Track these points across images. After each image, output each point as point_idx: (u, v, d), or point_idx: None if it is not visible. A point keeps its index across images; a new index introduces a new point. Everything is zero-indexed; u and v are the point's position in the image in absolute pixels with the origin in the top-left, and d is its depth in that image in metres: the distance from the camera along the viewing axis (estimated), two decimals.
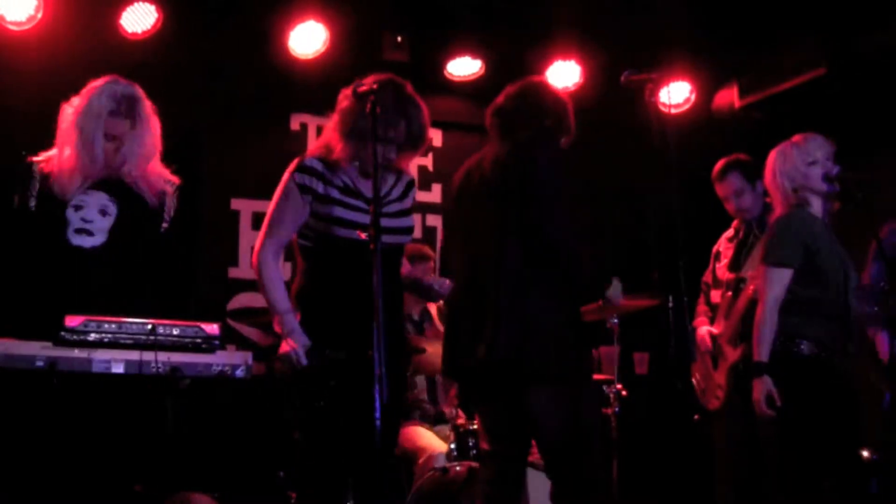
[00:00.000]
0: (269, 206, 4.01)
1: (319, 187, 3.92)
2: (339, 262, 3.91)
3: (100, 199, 4.23)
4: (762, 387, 4.49)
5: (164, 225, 4.32)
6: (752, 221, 5.58)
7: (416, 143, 4.03)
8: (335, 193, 3.93)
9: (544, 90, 4.44)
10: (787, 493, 4.46)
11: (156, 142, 4.35)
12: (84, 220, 4.16)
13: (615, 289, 4.34)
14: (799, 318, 4.56)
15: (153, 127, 4.33)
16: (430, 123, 4.05)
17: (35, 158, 4.27)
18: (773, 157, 4.77)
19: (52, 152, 4.28)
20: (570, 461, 4.06)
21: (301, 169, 3.96)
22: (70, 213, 4.17)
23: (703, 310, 5.74)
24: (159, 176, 4.35)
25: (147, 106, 4.32)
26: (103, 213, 4.20)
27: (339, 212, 3.89)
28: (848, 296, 4.63)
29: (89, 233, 4.16)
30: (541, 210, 4.02)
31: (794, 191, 4.68)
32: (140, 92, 4.32)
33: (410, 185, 4.20)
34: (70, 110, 4.26)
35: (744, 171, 5.54)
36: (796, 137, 4.74)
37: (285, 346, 3.80)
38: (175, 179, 4.41)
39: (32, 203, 4.19)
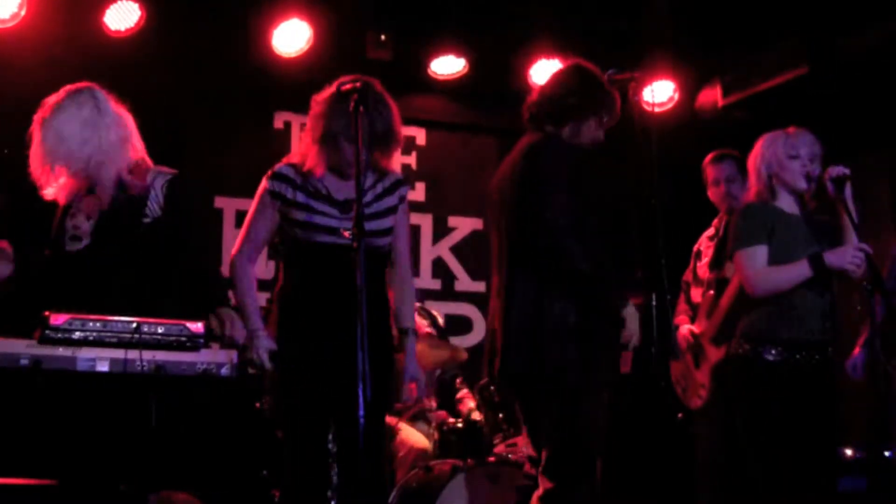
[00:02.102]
0: (248, 211, 4.11)
1: (288, 192, 3.99)
2: (307, 265, 3.99)
3: (87, 202, 4.20)
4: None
5: (146, 220, 4.22)
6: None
7: (383, 142, 3.98)
8: (302, 198, 3.98)
9: (569, 75, 4.37)
10: (768, 492, 4.47)
11: (124, 132, 4.22)
12: (74, 227, 4.16)
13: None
14: (763, 316, 4.55)
15: (119, 117, 4.21)
16: (400, 122, 4.02)
17: None
18: (762, 140, 4.76)
19: None
20: (567, 465, 4.06)
21: (273, 176, 4.03)
22: (67, 221, 4.17)
23: (683, 308, 5.75)
24: (144, 169, 4.25)
25: (105, 97, 4.20)
26: (88, 216, 4.18)
27: (305, 216, 3.95)
28: (833, 293, 4.62)
29: (78, 238, 4.16)
30: (543, 209, 4.03)
31: (769, 178, 4.69)
32: (95, 87, 4.23)
33: (396, 184, 4.17)
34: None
35: (738, 163, 5.59)
36: (790, 128, 4.72)
37: (251, 350, 3.97)
38: (167, 171, 4.30)
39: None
